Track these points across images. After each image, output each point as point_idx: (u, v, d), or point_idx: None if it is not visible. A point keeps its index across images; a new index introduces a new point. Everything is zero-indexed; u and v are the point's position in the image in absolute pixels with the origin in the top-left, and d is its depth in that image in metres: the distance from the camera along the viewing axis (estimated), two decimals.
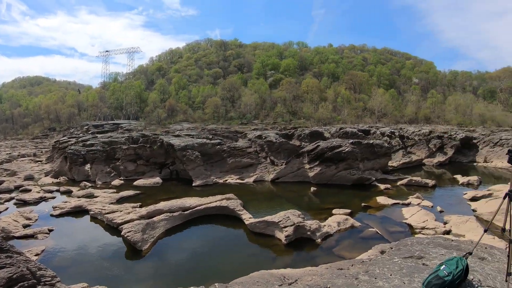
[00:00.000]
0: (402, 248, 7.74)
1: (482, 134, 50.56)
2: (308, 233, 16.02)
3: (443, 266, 5.22)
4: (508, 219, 5.41)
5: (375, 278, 5.97)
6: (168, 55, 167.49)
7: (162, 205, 19.35)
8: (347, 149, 27.81)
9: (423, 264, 6.38)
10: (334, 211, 20.01)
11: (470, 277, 5.61)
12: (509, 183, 5.76)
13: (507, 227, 5.49)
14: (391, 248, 8.27)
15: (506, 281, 5.15)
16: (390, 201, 22.57)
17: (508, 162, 5.64)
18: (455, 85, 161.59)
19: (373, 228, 17.63)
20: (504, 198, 5.58)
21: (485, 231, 5.87)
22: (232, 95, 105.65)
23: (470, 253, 5.83)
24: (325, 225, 17.09)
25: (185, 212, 19.03)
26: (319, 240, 15.85)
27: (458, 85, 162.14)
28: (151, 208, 18.75)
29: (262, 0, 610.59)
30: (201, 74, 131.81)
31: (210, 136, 39.64)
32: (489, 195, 23.40)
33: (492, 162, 41.64)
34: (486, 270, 6.03)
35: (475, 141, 46.10)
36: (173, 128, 66.01)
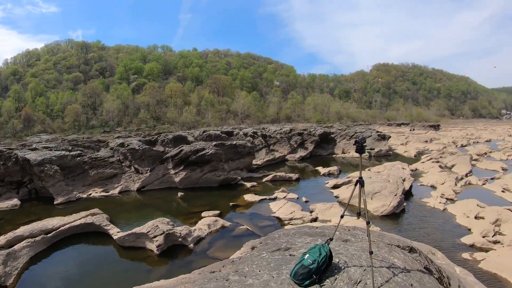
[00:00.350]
0: (270, 242, 7.78)
1: (339, 129, 55.51)
2: (180, 239, 15.59)
3: (307, 255, 5.27)
4: (362, 203, 5.76)
5: (245, 277, 5.85)
6: (24, 57, 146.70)
7: (22, 230, 16.94)
8: (210, 151, 27.84)
9: (290, 255, 6.43)
10: (203, 213, 19.76)
11: (335, 260, 5.76)
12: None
13: (362, 209, 5.86)
14: (260, 243, 8.30)
15: (370, 258, 5.45)
16: (258, 197, 23.20)
17: (356, 152, 5.95)
18: (313, 86, 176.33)
19: (244, 225, 17.86)
20: (356, 184, 5.89)
21: (342, 217, 6.13)
22: (94, 101, 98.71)
23: (331, 239, 6.04)
24: (195, 229, 16.80)
25: (48, 235, 16.89)
26: (191, 245, 15.52)
27: (316, 86, 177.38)
28: (10, 235, 16.33)
29: (127, 0, 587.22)
30: (60, 78, 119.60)
31: (70, 148, 36.82)
32: (349, 182, 25.82)
33: (349, 152, 46.18)
34: (350, 251, 6.27)
35: (333, 135, 50.44)
36: (31, 141, 59.47)
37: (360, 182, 5.78)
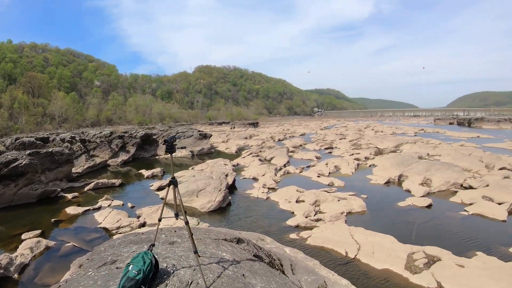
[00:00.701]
0: (96, 257, 7.23)
1: (161, 130, 55.28)
2: (1, 270, 13.38)
3: (131, 265, 4.96)
4: (179, 203, 5.66)
5: None
6: None
7: None
8: (24, 162, 24.63)
9: (117, 268, 6.01)
10: (23, 235, 17.35)
11: (163, 265, 5.58)
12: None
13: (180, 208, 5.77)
14: (87, 259, 7.72)
15: (196, 257, 5.39)
16: (81, 209, 21.49)
17: (166, 151, 5.72)
18: (135, 87, 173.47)
19: (70, 242, 16.40)
20: (169, 185, 5.71)
21: (159, 220, 5.96)
22: None
23: (153, 245, 5.83)
24: (17, 255, 14.61)
25: None
26: (16, 275, 13.46)
27: (138, 87, 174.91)
28: None
29: None
30: None
31: None
32: None
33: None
34: (178, 253, 6.14)
35: (155, 137, 49.77)
36: None
37: (173, 182, 5.64)
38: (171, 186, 5.66)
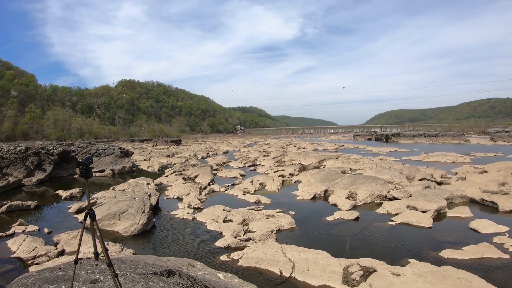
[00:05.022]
0: None
1: (80, 147, 52.07)
2: None
3: None
4: (98, 240, 4.74)
5: None
6: None
7: None
8: None
9: None
10: None
11: None
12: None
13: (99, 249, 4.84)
14: None
15: None
16: None
17: (81, 176, 4.67)
18: (55, 99, 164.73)
19: None
20: (85, 219, 4.79)
21: (75, 262, 4.99)
22: None
23: None
24: None
25: None
26: None
27: (58, 99, 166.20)
28: None
29: None
30: None
31: None
32: (94, 204, 23.85)
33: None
34: None
35: (73, 154, 46.42)
36: None
37: (90, 215, 4.74)
38: (88, 220, 4.73)
